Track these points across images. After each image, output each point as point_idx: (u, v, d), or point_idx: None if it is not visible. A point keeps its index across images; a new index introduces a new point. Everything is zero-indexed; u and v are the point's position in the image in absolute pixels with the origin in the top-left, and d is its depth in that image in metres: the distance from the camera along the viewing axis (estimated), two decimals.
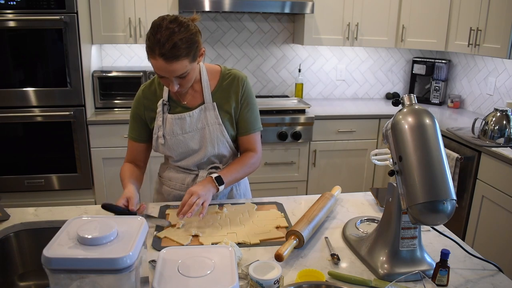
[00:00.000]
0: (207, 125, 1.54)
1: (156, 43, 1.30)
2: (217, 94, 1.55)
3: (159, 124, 1.54)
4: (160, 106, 1.53)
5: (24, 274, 1.39)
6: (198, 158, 1.58)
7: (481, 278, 1.17)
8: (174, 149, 1.57)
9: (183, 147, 1.56)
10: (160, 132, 1.54)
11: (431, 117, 1.12)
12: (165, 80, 1.40)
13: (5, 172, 2.90)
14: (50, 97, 2.82)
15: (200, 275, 0.87)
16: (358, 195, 1.71)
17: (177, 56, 1.31)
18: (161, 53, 1.30)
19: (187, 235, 1.33)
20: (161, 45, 1.29)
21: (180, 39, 1.31)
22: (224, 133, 1.56)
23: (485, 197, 2.51)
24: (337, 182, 3.32)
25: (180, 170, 1.64)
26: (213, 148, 1.57)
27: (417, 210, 1.05)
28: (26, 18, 2.66)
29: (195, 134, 1.55)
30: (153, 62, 1.34)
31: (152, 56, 1.33)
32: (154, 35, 1.31)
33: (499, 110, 2.58)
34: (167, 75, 1.36)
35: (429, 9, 3.28)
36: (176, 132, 1.54)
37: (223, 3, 2.98)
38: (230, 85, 1.56)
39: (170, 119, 1.53)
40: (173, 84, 1.39)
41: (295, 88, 3.68)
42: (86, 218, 0.97)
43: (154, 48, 1.31)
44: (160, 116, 1.54)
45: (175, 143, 1.55)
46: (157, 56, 1.31)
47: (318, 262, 1.22)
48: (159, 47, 1.30)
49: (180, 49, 1.31)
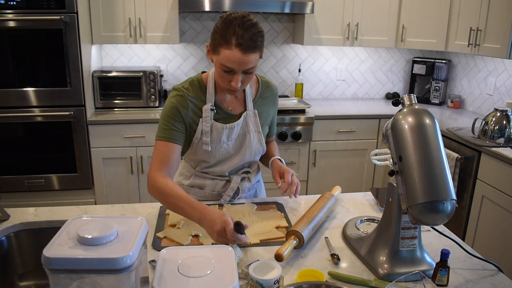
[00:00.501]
0: (248, 133, 1.54)
1: (233, 33, 1.27)
2: (257, 102, 1.56)
3: (206, 130, 1.48)
4: (207, 111, 1.47)
5: (24, 274, 1.39)
6: (233, 164, 1.57)
7: (481, 278, 1.17)
8: (215, 156, 1.53)
9: (224, 154, 1.54)
10: (207, 138, 1.48)
11: (431, 117, 1.12)
12: (228, 75, 1.35)
13: (5, 172, 2.90)
14: (50, 97, 2.82)
15: (200, 275, 0.87)
16: (358, 195, 1.71)
17: (253, 48, 1.30)
18: (239, 42, 1.27)
19: (187, 235, 1.33)
20: (239, 35, 1.27)
21: (256, 32, 1.30)
22: (262, 141, 1.58)
23: (485, 197, 2.51)
24: (337, 182, 3.31)
25: (209, 176, 1.60)
26: (250, 155, 1.58)
27: (417, 210, 1.05)
28: (26, 18, 2.66)
29: (237, 141, 1.55)
30: (226, 53, 1.29)
31: (226, 47, 1.28)
32: (229, 25, 1.29)
33: (499, 110, 2.58)
34: (239, 67, 1.31)
35: (429, 9, 3.28)
36: (223, 140, 1.51)
37: (223, 3, 2.98)
38: (269, 93, 1.59)
39: (219, 127, 1.49)
40: (238, 79, 1.34)
41: (295, 88, 3.68)
42: (86, 218, 0.97)
43: (230, 38, 1.28)
44: (207, 121, 1.47)
45: (219, 151, 1.52)
46: (234, 46, 1.28)
47: (318, 262, 1.22)
48: (237, 37, 1.27)
49: (257, 41, 1.31)
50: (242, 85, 1.38)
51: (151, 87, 3.12)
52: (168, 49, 3.49)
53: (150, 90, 3.13)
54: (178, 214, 1.34)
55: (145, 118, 2.96)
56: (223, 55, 1.30)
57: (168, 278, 0.86)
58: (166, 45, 3.47)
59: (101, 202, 3.04)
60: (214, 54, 1.35)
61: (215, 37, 1.32)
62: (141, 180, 3.07)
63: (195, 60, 3.53)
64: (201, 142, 1.49)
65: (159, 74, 3.19)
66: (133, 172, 3.04)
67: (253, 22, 1.31)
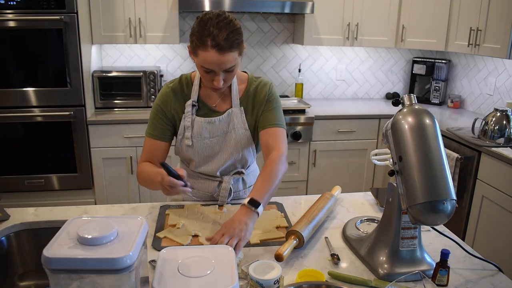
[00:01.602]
0: (233, 130, 1.53)
1: (208, 34, 1.28)
2: (245, 100, 1.55)
3: (187, 125, 1.50)
4: (189, 106, 1.49)
5: (24, 274, 1.39)
6: (221, 162, 1.56)
7: (481, 278, 1.17)
8: (199, 153, 1.54)
9: (209, 150, 1.54)
10: (188, 133, 1.50)
11: (431, 117, 1.12)
12: (210, 75, 1.36)
13: (5, 172, 2.90)
14: (50, 97, 2.82)
15: (200, 275, 0.87)
16: (358, 195, 1.71)
17: (229, 47, 1.30)
18: (215, 43, 1.28)
19: (187, 235, 1.33)
20: (214, 36, 1.28)
21: (231, 31, 1.30)
22: (250, 139, 1.56)
23: (485, 197, 2.51)
24: (337, 182, 3.31)
25: (202, 177, 1.60)
26: (238, 153, 1.56)
27: (417, 210, 1.05)
28: (26, 18, 2.66)
29: (221, 138, 1.54)
30: (203, 55, 1.30)
31: (203, 49, 1.30)
32: (204, 27, 1.29)
33: (499, 110, 2.58)
34: (217, 68, 1.33)
35: (429, 9, 3.28)
36: (204, 135, 1.51)
37: (223, 3, 2.98)
38: (257, 91, 1.56)
39: (200, 122, 1.50)
40: (219, 78, 1.36)
41: (295, 88, 3.68)
42: (86, 218, 0.97)
43: (205, 40, 1.28)
44: (188, 117, 1.49)
45: (202, 147, 1.53)
46: (210, 48, 1.29)
47: (318, 262, 1.22)
48: (211, 38, 1.28)
49: (232, 40, 1.31)
50: (225, 83, 1.40)
51: (151, 87, 3.12)
52: (168, 49, 3.49)
53: (150, 90, 3.13)
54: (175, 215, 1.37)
55: (145, 118, 2.95)
56: (201, 57, 1.32)
57: (168, 278, 0.86)
58: (166, 45, 3.47)
59: (101, 202, 3.04)
60: (193, 55, 1.36)
61: (192, 39, 1.33)
62: None
63: None
64: (184, 138, 1.52)
65: (159, 74, 3.19)
66: (133, 172, 3.04)
67: (228, 20, 1.32)
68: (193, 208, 1.52)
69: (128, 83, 3.10)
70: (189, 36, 1.36)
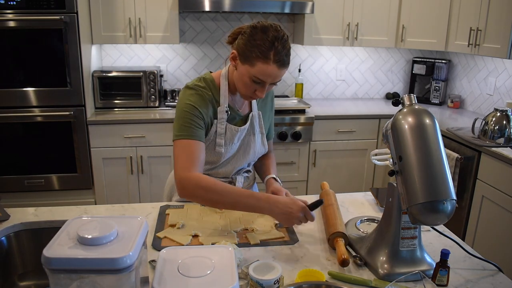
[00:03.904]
0: (253, 134, 1.56)
1: (272, 48, 1.29)
2: (259, 103, 1.58)
3: (221, 132, 1.47)
4: (222, 113, 1.47)
5: (24, 274, 1.39)
6: (237, 166, 1.58)
7: (481, 278, 1.17)
8: (224, 157, 1.54)
9: (232, 155, 1.55)
10: (221, 140, 1.48)
11: (431, 117, 1.12)
12: (256, 85, 1.36)
13: (5, 172, 2.90)
14: (50, 97, 2.82)
15: (200, 275, 0.87)
16: (358, 195, 1.71)
17: (288, 63, 1.35)
18: (278, 59, 1.30)
19: (187, 235, 1.33)
20: (278, 51, 1.29)
21: (289, 48, 1.34)
22: (264, 142, 1.59)
23: (485, 197, 2.51)
24: (337, 182, 3.32)
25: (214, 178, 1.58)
26: (254, 156, 1.59)
27: (417, 210, 1.05)
28: (26, 18, 2.66)
29: (243, 142, 1.56)
30: (263, 67, 1.30)
31: (264, 61, 1.29)
32: (267, 39, 1.29)
33: (499, 110, 2.58)
34: (270, 80, 1.35)
35: (429, 9, 3.28)
36: (234, 142, 1.52)
37: (223, 3, 2.98)
38: (268, 95, 1.60)
39: (232, 129, 1.50)
40: (265, 90, 1.38)
41: (295, 88, 3.68)
42: (86, 218, 0.97)
43: (269, 54, 1.29)
44: (222, 123, 1.47)
45: (229, 152, 1.53)
46: (272, 62, 1.30)
47: (318, 262, 1.22)
48: (275, 53, 1.29)
49: (289, 56, 1.35)
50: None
51: (151, 87, 3.12)
52: (168, 49, 3.49)
53: (150, 90, 3.13)
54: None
55: (145, 118, 2.96)
56: (258, 69, 1.31)
57: (168, 278, 0.86)
58: (166, 45, 3.46)
59: (101, 202, 3.04)
60: (245, 63, 1.33)
61: (251, 50, 1.30)
62: (141, 180, 3.07)
63: (195, 60, 3.53)
64: (214, 144, 1.49)
65: (159, 74, 3.19)
66: (133, 172, 3.04)
67: (286, 37, 1.34)
68: (193, 208, 1.52)
69: (128, 83, 3.10)
70: (243, 44, 1.33)
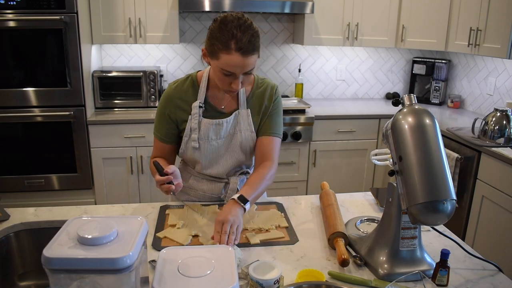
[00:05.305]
0: (239, 132, 1.52)
1: (232, 37, 1.27)
2: (250, 101, 1.54)
3: (194, 127, 1.48)
4: (196, 108, 1.47)
5: (24, 274, 1.39)
6: (228, 165, 1.56)
7: (481, 278, 1.17)
8: (206, 155, 1.53)
9: (215, 152, 1.53)
10: (195, 135, 1.49)
11: (431, 117, 1.12)
12: (229, 78, 1.34)
13: (5, 172, 2.90)
14: (50, 97, 2.82)
15: (200, 275, 0.87)
16: (358, 195, 1.71)
17: (252, 50, 1.30)
18: (239, 47, 1.27)
19: (187, 235, 1.33)
20: (237, 39, 1.27)
21: (253, 34, 1.30)
22: (255, 141, 1.55)
23: (485, 197, 2.51)
24: (337, 182, 3.32)
25: (208, 179, 1.59)
26: (244, 155, 1.56)
27: (417, 210, 1.05)
28: (26, 18, 2.66)
29: (227, 140, 1.53)
30: (227, 58, 1.29)
31: (226, 52, 1.28)
32: (225, 30, 1.28)
33: (499, 110, 2.58)
34: (239, 70, 1.32)
35: (429, 9, 3.28)
36: (210, 137, 1.50)
37: (223, 3, 2.98)
38: (264, 92, 1.55)
39: (207, 123, 1.48)
40: (238, 81, 1.35)
41: (295, 88, 3.68)
42: (86, 218, 0.97)
43: (229, 43, 1.27)
44: (195, 118, 1.47)
45: (208, 148, 1.52)
46: (234, 51, 1.27)
47: (318, 262, 1.22)
48: (235, 41, 1.27)
49: (255, 43, 1.31)
50: (242, 85, 1.39)
51: (151, 87, 3.12)
52: (168, 49, 3.49)
53: (150, 90, 3.13)
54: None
55: (145, 118, 2.96)
56: (223, 60, 1.30)
57: (168, 278, 0.86)
58: (166, 45, 3.46)
59: (101, 202, 3.04)
60: (212, 58, 1.34)
61: (212, 42, 1.31)
62: (141, 180, 3.07)
63: (195, 60, 3.53)
64: (190, 139, 1.51)
65: (159, 74, 3.19)
66: (133, 172, 3.04)
67: (249, 23, 1.31)
68: (193, 208, 1.52)
69: (128, 83, 3.10)
70: (207, 39, 1.34)
